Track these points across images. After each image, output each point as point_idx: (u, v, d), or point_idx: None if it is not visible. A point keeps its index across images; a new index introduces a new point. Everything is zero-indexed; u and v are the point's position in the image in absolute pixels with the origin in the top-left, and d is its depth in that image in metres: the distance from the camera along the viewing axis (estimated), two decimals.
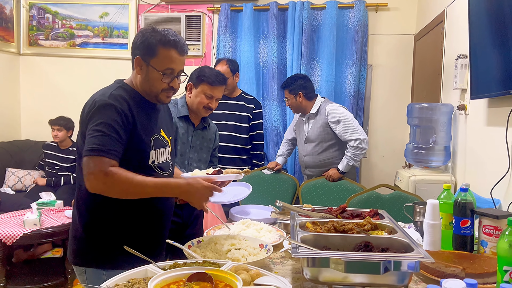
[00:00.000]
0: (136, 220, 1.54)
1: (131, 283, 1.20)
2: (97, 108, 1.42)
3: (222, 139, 3.29)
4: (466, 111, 2.59)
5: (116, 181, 1.36)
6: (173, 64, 1.52)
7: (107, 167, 1.35)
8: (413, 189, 2.74)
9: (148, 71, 1.50)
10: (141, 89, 1.55)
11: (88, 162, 1.37)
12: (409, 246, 1.24)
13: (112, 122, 1.40)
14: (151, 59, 1.50)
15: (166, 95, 1.57)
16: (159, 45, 1.49)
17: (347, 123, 3.05)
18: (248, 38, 4.21)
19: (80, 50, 4.67)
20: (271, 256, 1.63)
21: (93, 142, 1.37)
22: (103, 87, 1.55)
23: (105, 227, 1.50)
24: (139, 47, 1.51)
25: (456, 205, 1.76)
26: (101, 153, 1.36)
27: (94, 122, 1.40)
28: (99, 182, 1.36)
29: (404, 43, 4.15)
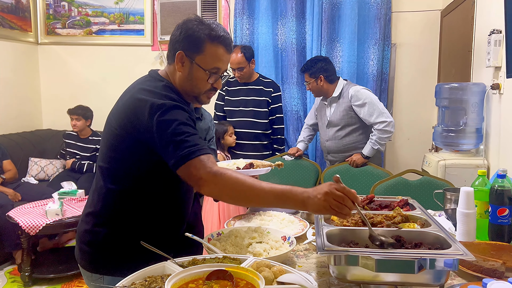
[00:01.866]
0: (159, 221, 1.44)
1: (148, 281, 1.14)
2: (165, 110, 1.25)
3: (242, 126, 3.22)
4: (500, 90, 2.43)
5: (226, 182, 1.21)
6: (220, 63, 1.37)
7: (212, 167, 1.21)
8: (442, 174, 2.61)
9: (192, 69, 1.35)
10: (180, 87, 1.39)
11: (189, 169, 1.21)
12: (445, 241, 1.14)
13: (188, 121, 1.27)
14: (197, 55, 1.34)
15: (207, 96, 1.43)
16: (207, 41, 1.33)
17: (372, 105, 2.93)
18: (265, 20, 4.08)
19: (97, 37, 4.63)
20: (294, 248, 1.56)
21: (182, 148, 1.21)
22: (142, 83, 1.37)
23: (128, 234, 1.39)
24: (183, 40, 1.34)
25: (492, 193, 1.64)
26: (196, 153, 1.21)
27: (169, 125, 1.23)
28: (211, 184, 1.21)
29: (430, 20, 3.94)
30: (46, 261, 3.38)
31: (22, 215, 3.06)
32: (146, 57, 4.50)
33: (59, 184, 3.65)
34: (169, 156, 1.24)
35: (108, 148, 1.38)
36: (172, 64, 1.39)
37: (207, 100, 1.46)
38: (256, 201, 1.26)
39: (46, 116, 4.84)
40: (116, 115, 1.35)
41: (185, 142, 1.23)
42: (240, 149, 3.23)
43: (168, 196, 1.43)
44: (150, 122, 1.26)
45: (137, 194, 1.38)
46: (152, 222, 1.42)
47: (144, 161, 1.34)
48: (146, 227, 1.41)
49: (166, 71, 1.43)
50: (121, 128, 1.33)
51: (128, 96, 1.35)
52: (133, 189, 1.38)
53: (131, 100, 1.33)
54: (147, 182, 1.37)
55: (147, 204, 1.40)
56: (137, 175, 1.36)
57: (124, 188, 1.38)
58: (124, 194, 1.38)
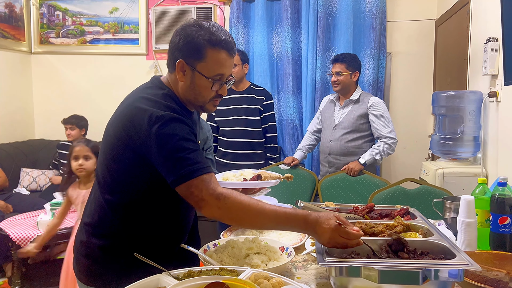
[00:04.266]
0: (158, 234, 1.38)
1: None
2: (164, 123, 1.18)
3: (235, 135, 3.19)
4: (497, 98, 2.42)
5: (231, 207, 1.17)
6: (224, 69, 1.30)
7: (216, 188, 1.16)
8: (440, 182, 2.59)
9: (194, 78, 1.28)
10: (183, 96, 1.33)
11: (190, 189, 1.17)
12: (449, 251, 1.10)
13: (189, 136, 1.21)
14: (198, 63, 1.27)
15: (213, 104, 1.36)
16: (208, 46, 1.25)
17: (388, 120, 3.01)
18: (261, 29, 4.08)
19: (91, 47, 4.61)
20: (292, 259, 1.51)
21: (183, 165, 1.16)
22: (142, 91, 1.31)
23: (125, 246, 1.33)
24: (182, 48, 1.27)
25: (493, 201, 1.61)
26: (198, 172, 1.16)
27: (168, 139, 1.17)
28: (213, 207, 1.17)
29: (425, 29, 3.96)
30: (37, 274, 3.30)
31: (13, 226, 2.99)
32: (141, 66, 4.47)
33: (51, 194, 3.57)
34: (169, 173, 1.19)
35: (105, 158, 1.32)
36: (173, 73, 1.33)
37: (213, 108, 1.39)
38: (261, 226, 1.26)
39: (38, 126, 4.78)
40: (114, 124, 1.30)
41: (186, 159, 1.17)
42: (234, 159, 3.19)
43: (167, 210, 1.37)
44: (148, 134, 1.19)
45: (135, 206, 1.33)
46: (150, 235, 1.36)
47: (141, 173, 1.28)
48: (143, 240, 1.35)
49: (168, 80, 1.37)
50: (117, 138, 1.27)
51: (127, 104, 1.29)
52: (131, 201, 1.32)
53: (129, 108, 1.26)
54: (145, 195, 1.31)
55: (145, 217, 1.34)
56: (134, 188, 1.31)
57: (122, 200, 1.32)
58: (121, 206, 1.33)
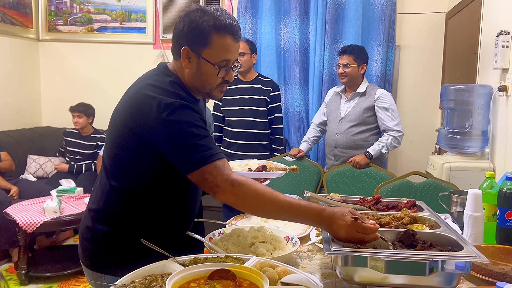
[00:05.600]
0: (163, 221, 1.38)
1: (148, 280, 1.10)
2: (174, 110, 1.18)
3: (241, 125, 3.18)
4: (507, 92, 2.39)
5: (245, 194, 1.18)
6: (229, 54, 1.27)
7: (230, 174, 1.17)
8: (447, 176, 2.57)
9: (200, 65, 1.26)
10: (189, 84, 1.31)
11: (204, 175, 1.17)
12: (456, 243, 1.10)
13: (199, 122, 1.20)
14: (203, 50, 1.24)
15: (220, 90, 1.35)
16: (213, 32, 1.23)
17: (395, 113, 3.00)
18: (269, 19, 4.05)
19: (98, 35, 4.60)
20: (297, 249, 1.51)
21: (196, 152, 1.16)
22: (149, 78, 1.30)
23: (130, 233, 1.33)
24: (187, 35, 1.24)
25: (501, 195, 1.60)
26: (211, 158, 1.16)
27: (179, 127, 1.17)
28: (228, 193, 1.18)
29: (435, 22, 3.91)
30: (43, 259, 3.33)
31: (20, 212, 3.02)
32: (148, 55, 4.47)
33: (58, 181, 3.60)
34: (180, 160, 1.19)
35: (112, 145, 1.32)
36: (179, 60, 1.31)
37: (220, 95, 1.38)
38: (275, 215, 1.24)
39: (45, 113, 4.80)
40: (121, 111, 1.29)
41: (198, 146, 1.17)
42: (239, 150, 3.18)
43: (174, 197, 1.37)
44: (157, 122, 1.19)
45: (141, 193, 1.33)
46: (156, 222, 1.36)
47: (148, 161, 1.27)
48: (149, 227, 1.35)
49: (174, 67, 1.35)
50: (125, 125, 1.26)
51: (134, 91, 1.28)
52: (137, 189, 1.32)
53: (137, 95, 1.25)
54: (152, 182, 1.31)
55: (151, 204, 1.34)
56: (141, 174, 1.30)
57: (128, 187, 1.32)
58: (128, 193, 1.32)
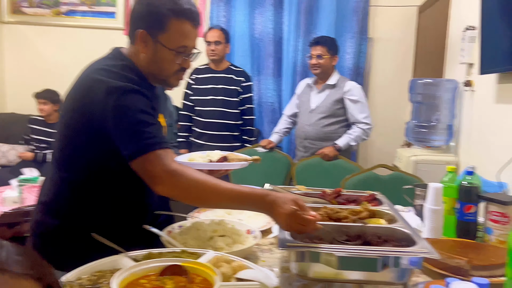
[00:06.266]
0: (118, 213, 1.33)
1: (96, 276, 1.06)
2: (121, 94, 1.14)
3: (212, 115, 3.14)
4: (472, 87, 2.42)
5: (184, 184, 1.12)
6: (187, 40, 1.24)
7: (170, 164, 1.11)
8: (413, 169, 2.61)
9: (156, 50, 1.23)
10: (145, 69, 1.27)
11: (144, 164, 1.12)
12: (410, 238, 1.10)
13: (148, 109, 1.15)
14: (160, 34, 1.21)
15: (178, 78, 1.31)
16: (171, 16, 1.20)
17: (364, 106, 3.03)
18: (242, 8, 3.99)
19: (66, 18, 4.43)
20: (259, 242, 1.49)
21: (139, 139, 1.11)
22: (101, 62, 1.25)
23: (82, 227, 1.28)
24: (144, 17, 1.21)
25: (461, 189, 1.63)
26: (154, 146, 1.11)
27: (125, 112, 1.13)
28: (167, 184, 1.12)
29: (408, 15, 3.93)
30: None
31: None
32: (118, 41, 4.18)
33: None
34: (124, 147, 1.14)
35: (61, 132, 1.27)
36: (135, 44, 1.26)
37: (177, 83, 1.34)
38: (218, 204, 1.22)
39: (10, 99, 4.61)
40: (71, 96, 1.24)
41: (142, 133, 1.12)
42: (210, 140, 3.14)
43: (128, 188, 1.32)
44: (105, 106, 1.15)
45: (92, 184, 1.27)
46: (109, 215, 1.31)
47: (99, 149, 1.22)
48: (102, 221, 1.30)
49: (130, 51, 1.30)
50: (74, 111, 1.22)
51: (83, 75, 1.23)
52: (88, 179, 1.27)
53: (86, 80, 1.21)
54: (103, 172, 1.25)
55: (103, 195, 1.29)
56: (92, 163, 1.25)
57: (78, 177, 1.27)
58: (78, 183, 1.27)
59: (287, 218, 1.08)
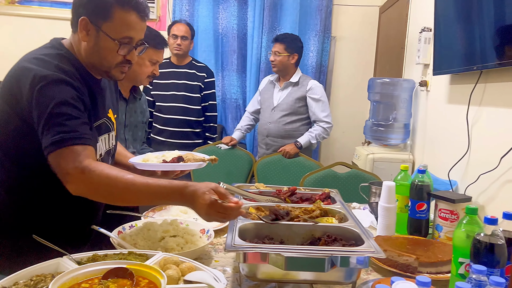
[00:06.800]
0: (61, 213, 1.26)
1: (34, 281, 1.01)
2: (47, 84, 1.09)
3: (173, 111, 3.07)
4: (427, 87, 2.49)
5: (95, 180, 1.06)
6: (133, 32, 1.21)
7: (83, 160, 1.05)
8: (370, 167, 2.65)
9: (98, 39, 1.18)
10: (86, 60, 1.22)
11: (58, 159, 1.05)
12: (359, 238, 1.11)
13: (73, 101, 1.09)
14: (103, 22, 1.17)
15: (121, 70, 1.26)
16: (116, 5, 1.17)
17: (325, 104, 3.04)
18: (206, 2, 3.93)
19: (21, 7, 4.22)
20: (213, 242, 1.48)
21: (57, 131, 1.05)
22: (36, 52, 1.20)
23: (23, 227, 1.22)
24: (87, 4, 1.17)
25: (412, 188, 1.67)
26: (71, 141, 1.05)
27: (49, 103, 1.07)
28: (77, 181, 1.06)
29: (369, 15, 4.00)
30: None
31: None
32: None
33: None
34: (43, 139, 1.08)
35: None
36: (76, 33, 1.21)
37: (121, 76, 1.29)
38: (134, 201, 1.15)
39: None
40: (2, 87, 1.18)
41: (61, 126, 1.07)
42: (171, 137, 3.07)
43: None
44: (30, 96, 1.09)
45: (28, 181, 1.20)
46: (51, 215, 1.25)
47: (31, 143, 1.14)
48: (44, 221, 1.24)
49: (71, 41, 1.25)
50: (5, 102, 1.15)
51: (16, 64, 1.18)
52: (23, 176, 1.20)
53: (16, 68, 1.16)
54: (38, 167, 1.16)
55: (42, 193, 1.22)
56: (26, 160, 1.18)
57: (13, 175, 1.20)
58: (14, 182, 1.20)
59: (207, 208, 1.06)
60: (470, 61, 1.81)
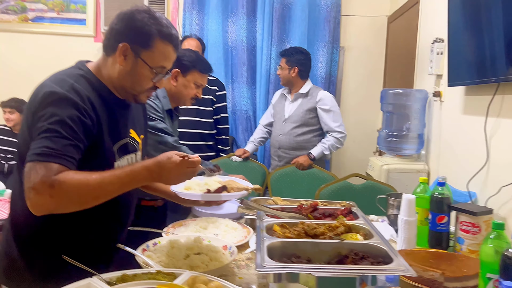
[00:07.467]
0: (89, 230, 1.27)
1: None
2: (53, 101, 1.12)
3: (186, 125, 3.09)
4: (441, 98, 2.49)
5: (66, 191, 1.05)
6: (167, 62, 1.29)
7: (52, 176, 1.03)
8: (385, 178, 2.65)
9: (136, 65, 1.24)
10: (118, 82, 1.27)
11: (30, 171, 1.04)
12: (387, 255, 1.11)
13: (71, 122, 1.11)
14: (143, 51, 1.23)
15: (147, 95, 1.33)
16: (158, 37, 1.24)
17: (337, 115, 3.06)
18: (216, 16, 3.97)
19: (34, 25, 4.29)
20: (236, 258, 1.48)
21: (43, 145, 1.06)
22: (60, 72, 1.24)
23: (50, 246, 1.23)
24: (129, 32, 1.23)
25: (432, 200, 1.67)
26: (50, 158, 1.05)
27: (47, 118, 1.10)
28: (43, 198, 1.03)
29: (377, 25, 4.02)
30: None
31: None
32: (89, 48, 4.22)
33: None
34: (30, 148, 1.09)
35: (21, 144, 1.21)
36: (111, 56, 1.26)
37: (145, 100, 1.35)
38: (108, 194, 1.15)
39: None
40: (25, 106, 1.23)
41: (49, 140, 1.07)
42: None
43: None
44: (38, 109, 1.13)
45: None
46: (80, 231, 1.26)
47: None
48: (73, 238, 1.25)
49: (98, 63, 1.30)
50: (25, 118, 1.19)
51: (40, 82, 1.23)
52: None
53: (38, 85, 1.21)
54: None
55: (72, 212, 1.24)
56: None
57: None
58: None
59: (178, 168, 1.17)
60: (487, 73, 1.81)
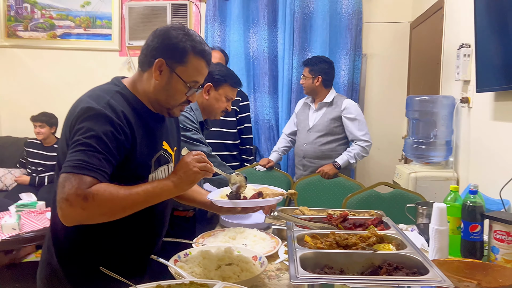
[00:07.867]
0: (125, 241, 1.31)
1: None
2: (89, 116, 1.16)
3: (211, 136, 3.12)
4: (469, 104, 2.45)
5: (98, 204, 1.09)
6: (200, 77, 1.33)
7: (86, 189, 1.08)
8: (413, 186, 2.61)
9: (171, 79, 1.28)
10: (153, 97, 1.31)
11: (64, 182, 1.08)
12: (422, 265, 1.09)
13: (105, 137, 1.15)
14: (178, 66, 1.28)
15: (180, 109, 1.37)
16: (192, 53, 1.28)
17: (362, 123, 3.04)
18: (237, 27, 4.03)
19: (61, 41, 4.44)
20: (265, 269, 1.49)
21: (78, 158, 1.11)
22: (97, 87, 1.30)
23: (86, 254, 1.28)
24: (164, 48, 1.27)
25: (464, 209, 1.63)
26: (85, 171, 1.09)
27: (83, 133, 1.14)
28: (75, 210, 1.07)
29: (400, 31, 3.99)
30: (1, 279, 3.16)
31: None
32: (114, 62, 4.35)
33: (18, 195, 3.43)
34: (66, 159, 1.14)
35: (60, 156, 1.26)
36: (147, 71, 1.30)
37: (179, 113, 1.39)
38: (134, 208, 1.19)
39: (5, 122, 4.59)
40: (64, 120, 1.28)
41: (84, 154, 1.11)
42: None
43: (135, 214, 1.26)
44: (75, 124, 1.18)
45: None
46: (117, 242, 1.30)
47: None
48: (109, 249, 1.29)
49: (133, 78, 1.34)
50: (63, 132, 1.24)
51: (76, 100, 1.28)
52: None
53: (75, 100, 1.26)
54: None
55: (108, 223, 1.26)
56: None
57: None
58: None
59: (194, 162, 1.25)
60: None
